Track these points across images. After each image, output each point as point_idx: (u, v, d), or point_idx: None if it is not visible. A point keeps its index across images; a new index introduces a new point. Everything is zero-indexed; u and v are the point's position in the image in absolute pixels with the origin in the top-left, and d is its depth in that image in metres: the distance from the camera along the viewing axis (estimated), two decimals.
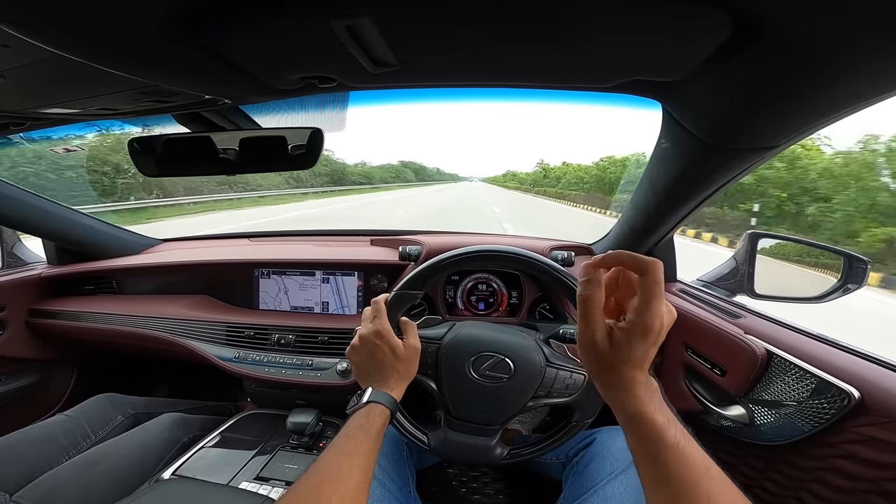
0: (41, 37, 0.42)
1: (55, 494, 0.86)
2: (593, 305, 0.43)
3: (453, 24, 0.46)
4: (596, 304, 0.43)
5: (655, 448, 0.41)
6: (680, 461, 0.39)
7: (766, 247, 1.04)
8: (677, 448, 0.40)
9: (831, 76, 0.46)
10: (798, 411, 0.74)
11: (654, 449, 0.41)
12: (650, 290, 0.41)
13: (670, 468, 0.39)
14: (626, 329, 0.42)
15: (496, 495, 1.16)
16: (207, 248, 1.63)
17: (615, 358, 0.43)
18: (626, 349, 0.42)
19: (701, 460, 0.39)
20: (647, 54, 0.51)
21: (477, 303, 1.28)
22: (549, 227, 13.29)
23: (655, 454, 0.41)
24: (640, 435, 0.42)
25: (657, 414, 0.42)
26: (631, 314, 0.42)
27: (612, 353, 0.43)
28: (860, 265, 0.91)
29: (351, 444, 0.55)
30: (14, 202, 1.22)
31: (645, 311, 0.41)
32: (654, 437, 0.41)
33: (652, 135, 0.81)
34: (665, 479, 0.39)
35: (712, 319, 0.93)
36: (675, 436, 0.40)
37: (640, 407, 0.42)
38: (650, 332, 0.41)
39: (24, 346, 1.42)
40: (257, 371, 1.19)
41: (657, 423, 0.41)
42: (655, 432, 0.41)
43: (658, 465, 0.40)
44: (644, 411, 0.42)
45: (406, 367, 0.69)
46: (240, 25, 0.47)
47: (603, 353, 0.44)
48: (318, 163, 0.83)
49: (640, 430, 0.42)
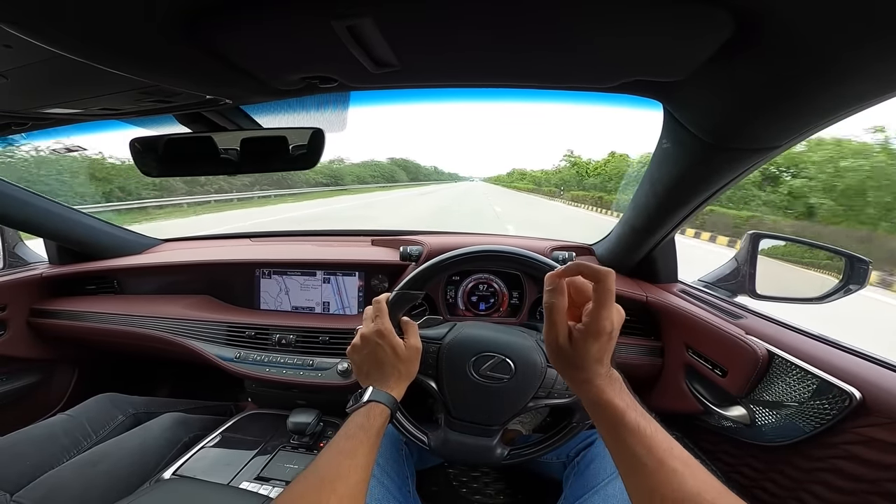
0: (43, 37, 0.42)
1: (56, 494, 0.86)
2: (557, 311, 0.49)
3: (455, 24, 0.46)
4: (559, 310, 0.49)
5: (618, 431, 0.45)
6: (642, 442, 0.43)
7: (767, 247, 1.04)
8: (638, 429, 0.44)
9: (834, 76, 0.46)
10: (799, 412, 0.74)
11: (617, 432, 0.45)
12: (602, 297, 0.47)
13: (634, 449, 0.43)
14: (582, 330, 0.48)
15: (496, 495, 1.16)
16: (208, 248, 1.63)
17: (575, 355, 0.49)
18: (583, 347, 0.48)
19: (664, 440, 0.43)
20: (648, 54, 0.51)
21: (478, 303, 1.27)
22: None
23: (619, 437, 0.45)
24: (604, 420, 0.47)
25: (616, 399, 0.47)
26: (586, 317, 0.48)
27: (572, 352, 0.49)
28: (862, 266, 0.91)
29: (351, 444, 0.55)
30: (16, 202, 1.23)
31: (597, 315, 0.47)
32: (616, 421, 0.45)
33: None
34: (633, 462, 0.43)
35: (713, 320, 0.93)
36: (634, 419, 0.45)
37: (601, 395, 0.47)
38: (602, 332, 0.47)
39: (25, 346, 1.42)
40: (258, 371, 1.19)
41: (617, 408, 0.46)
42: (616, 416, 0.46)
43: (624, 448, 0.44)
44: (604, 399, 0.47)
45: (407, 367, 0.69)
46: (241, 26, 0.47)
47: (566, 352, 0.49)
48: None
49: (602, 416, 0.47)
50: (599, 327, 0.47)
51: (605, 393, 0.47)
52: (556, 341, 0.49)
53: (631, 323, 1.18)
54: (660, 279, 1.18)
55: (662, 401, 1.10)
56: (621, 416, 0.45)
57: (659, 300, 1.09)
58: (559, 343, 0.49)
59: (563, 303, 0.50)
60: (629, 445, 0.44)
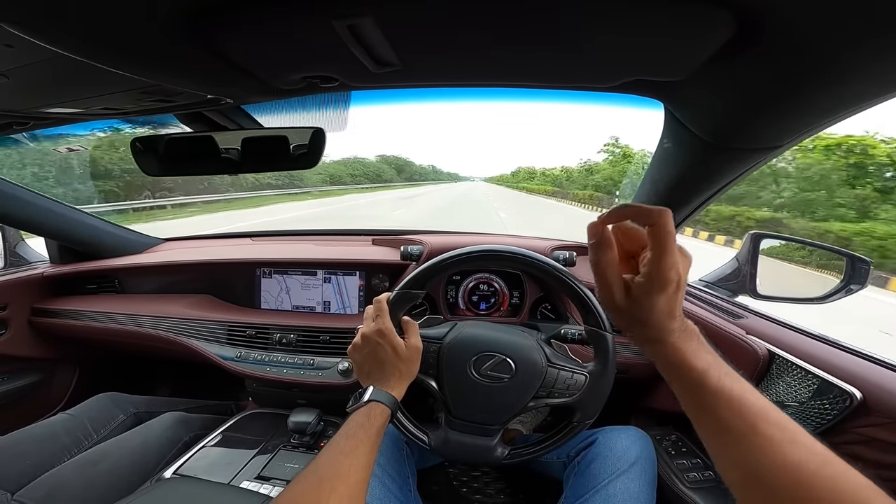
0: (45, 37, 0.43)
1: (57, 493, 0.86)
2: (606, 266, 0.43)
3: (455, 23, 0.46)
4: (608, 265, 0.43)
5: (699, 396, 0.39)
6: (729, 406, 0.37)
7: (768, 247, 1.04)
8: (722, 391, 0.38)
9: (834, 76, 0.46)
10: (800, 412, 0.74)
11: (699, 398, 0.39)
12: (662, 241, 0.39)
13: (719, 413, 0.37)
14: (643, 284, 0.41)
15: (497, 495, 1.16)
16: (209, 247, 1.63)
17: (639, 313, 0.42)
18: (647, 303, 0.41)
19: (755, 402, 0.37)
20: (649, 54, 0.51)
21: (478, 302, 1.28)
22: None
23: (702, 403, 0.39)
24: (682, 384, 0.41)
25: (695, 360, 0.40)
26: (645, 267, 0.41)
27: (635, 309, 0.42)
28: (863, 266, 0.91)
29: (351, 443, 0.55)
30: (18, 202, 1.23)
31: (660, 262, 0.39)
32: (696, 385, 0.39)
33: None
34: (718, 429, 0.38)
35: (714, 320, 0.93)
36: (717, 379, 0.38)
37: (676, 355, 0.41)
38: (668, 283, 0.39)
39: (26, 345, 1.43)
40: (259, 370, 1.20)
41: (695, 369, 0.39)
42: (695, 379, 0.39)
43: (708, 414, 0.38)
44: (680, 359, 0.41)
45: (407, 367, 0.69)
46: (242, 25, 0.47)
47: (626, 311, 0.43)
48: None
49: (680, 380, 0.41)
50: (665, 277, 0.39)
51: (680, 352, 0.41)
52: (612, 300, 0.43)
53: None
54: None
55: (662, 401, 1.10)
56: (700, 379, 0.39)
57: None
58: (616, 303, 0.43)
59: (613, 256, 0.43)
60: (713, 410, 0.38)
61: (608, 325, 0.74)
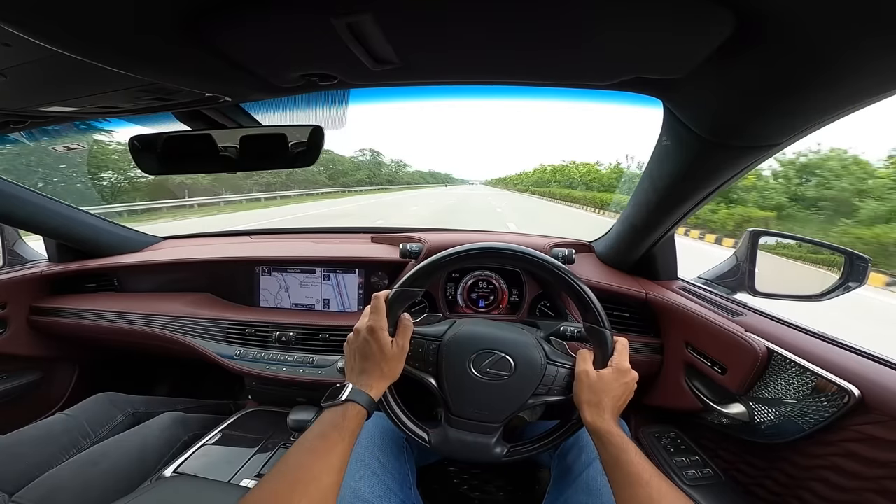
0: (43, 36, 0.42)
1: (55, 494, 0.86)
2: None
3: (454, 21, 0.46)
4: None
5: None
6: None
7: (766, 244, 1.04)
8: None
9: (833, 74, 0.46)
10: (798, 409, 0.74)
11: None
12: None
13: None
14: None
15: (496, 492, 1.16)
16: (208, 245, 1.63)
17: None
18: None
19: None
20: (649, 52, 0.50)
21: (477, 300, 1.28)
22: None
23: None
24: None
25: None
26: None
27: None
28: (861, 263, 0.91)
29: (325, 444, 0.55)
30: (17, 201, 1.23)
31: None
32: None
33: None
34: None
35: (713, 317, 0.93)
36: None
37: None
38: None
39: (25, 344, 1.42)
40: (258, 368, 1.20)
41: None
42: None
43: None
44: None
45: (390, 367, 0.70)
46: (240, 23, 0.47)
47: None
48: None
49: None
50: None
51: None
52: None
53: (631, 320, 1.18)
54: (659, 277, 1.18)
55: (662, 398, 1.11)
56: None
57: (659, 298, 1.09)
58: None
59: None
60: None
61: (607, 323, 0.74)
